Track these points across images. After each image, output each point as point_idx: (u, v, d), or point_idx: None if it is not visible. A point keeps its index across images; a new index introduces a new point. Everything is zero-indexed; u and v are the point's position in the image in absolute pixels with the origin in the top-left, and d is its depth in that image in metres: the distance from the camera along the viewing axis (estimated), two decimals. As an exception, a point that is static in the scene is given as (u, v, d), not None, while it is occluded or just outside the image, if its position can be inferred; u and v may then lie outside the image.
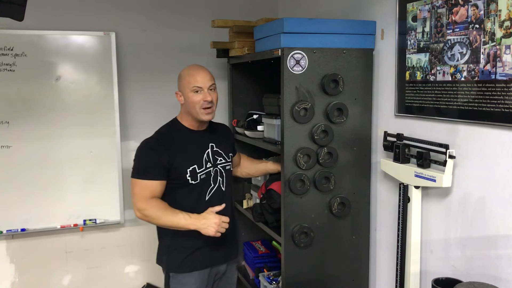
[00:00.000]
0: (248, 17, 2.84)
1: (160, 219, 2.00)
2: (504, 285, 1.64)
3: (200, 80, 2.08)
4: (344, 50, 2.19)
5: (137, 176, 2.06)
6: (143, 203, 2.01)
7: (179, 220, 1.98)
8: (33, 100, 2.86)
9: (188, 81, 2.09)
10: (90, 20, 2.96)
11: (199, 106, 2.08)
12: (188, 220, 1.97)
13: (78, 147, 2.97)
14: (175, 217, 1.98)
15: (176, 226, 2.00)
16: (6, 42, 2.78)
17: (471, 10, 1.70)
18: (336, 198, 2.24)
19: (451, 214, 1.88)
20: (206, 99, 2.07)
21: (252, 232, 3.18)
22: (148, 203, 2.01)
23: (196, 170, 2.11)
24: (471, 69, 1.71)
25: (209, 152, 2.18)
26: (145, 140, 2.14)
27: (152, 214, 2.00)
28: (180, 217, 1.98)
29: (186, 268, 2.14)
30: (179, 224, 1.98)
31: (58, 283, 3.09)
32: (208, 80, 2.10)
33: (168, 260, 2.18)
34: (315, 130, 2.16)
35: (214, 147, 2.21)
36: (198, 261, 2.15)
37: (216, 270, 2.25)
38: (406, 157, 2.01)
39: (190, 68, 2.15)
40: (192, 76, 2.09)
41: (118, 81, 3.00)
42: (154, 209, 2.00)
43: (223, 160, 2.23)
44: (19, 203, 2.89)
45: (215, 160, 2.19)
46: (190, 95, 2.08)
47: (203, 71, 2.12)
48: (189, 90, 2.08)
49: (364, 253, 2.37)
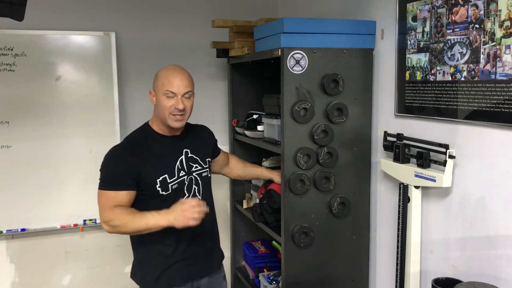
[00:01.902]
0: (248, 17, 2.84)
1: (127, 226, 1.83)
2: (504, 285, 1.64)
3: (176, 85, 1.91)
4: (344, 50, 2.19)
5: (102, 188, 1.91)
6: (108, 214, 1.86)
7: (147, 221, 1.80)
8: (33, 100, 2.86)
9: (163, 82, 1.93)
10: (90, 20, 2.96)
11: (169, 112, 1.92)
12: (157, 218, 1.80)
13: (78, 147, 2.97)
14: (143, 218, 1.81)
15: (147, 228, 1.82)
16: (6, 42, 2.77)
17: (471, 10, 1.70)
18: (336, 198, 2.24)
19: (451, 214, 1.88)
20: (178, 107, 1.91)
21: (252, 232, 3.18)
22: (113, 213, 1.85)
23: (167, 180, 1.95)
24: (471, 69, 1.71)
25: (183, 159, 2.02)
26: (113, 147, 2.00)
27: (119, 222, 1.83)
28: (149, 217, 1.81)
29: (162, 285, 1.99)
30: (148, 224, 1.81)
31: (58, 283, 3.09)
32: (184, 86, 1.93)
33: (142, 276, 2.03)
34: (315, 130, 2.16)
35: (188, 153, 2.05)
36: (175, 276, 2.00)
37: (197, 284, 2.09)
38: (406, 157, 2.01)
39: (168, 69, 1.98)
40: (168, 79, 1.92)
41: (118, 81, 2.99)
42: (119, 216, 1.84)
43: (198, 167, 2.07)
44: (19, 203, 2.89)
45: (189, 168, 2.03)
46: (161, 98, 1.93)
47: (181, 75, 1.94)
48: (162, 93, 1.92)
49: (364, 253, 2.37)
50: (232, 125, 2.95)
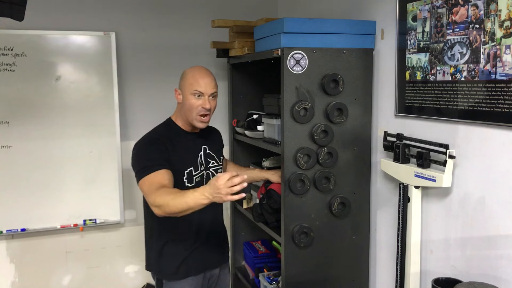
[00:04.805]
0: (248, 17, 2.84)
1: (169, 205, 1.77)
2: (504, 285, 1.64)
3: (204, 85, 2.03)
4: (344, 50, 2.19)
5: (142, 175, 1.91)
6: (153, 196, 1.82)
7: (187, 199, 1.75)
8: (33, 100, 2.86)
9: (191, 83, 2.04)
10: (90, 20, 2.96)
11: (197, 112, 2.03)
12: (196, 196, 1.74)
13: (78, 147, 2.97)
14: (183, 198, 1.76)
15: (188, 207, 1.76)
16: (6, 42, 2.78)
17: (471, 10, 1.70)
18: (336, 198, 2.24)
19: (451, 214, 1.87)
20: (205, 106, 2.03)
21: (252, 232, 3.18)
22: (157, 193, 1.82)
23: (192, 173, 2.08)
24: (471, 69, 1.71)
25: (202, 155, 2.15)
26: (143, 139, 2.04)
27: (162, 201, 1.79)
28: (188, 196, 1.75)
29: (181, 275, 2.08)
30: (189, 203, 1.75)
31: (58, 283, 3.09)
32: (212, 87, 2.05)
33: (160, 267, 2.10)
34: (315, 130, 2.16)
35: (207, 150, 2.18)
36: (193, 266, 2.10)
37: (210, 274, 2.21)
38: (406, 157, 2.01)
39: (196, 70, 2.08)
40: (196, 79, 2.04)
41: (118, 81, 3.00)
42: (162, 196, 1.80)
43: (215, 163, 2.21)
44: (19, 203, 2.89)
45: (207, 163, 2.17)
46: (189, 97, 2.04)
47: (209, 77, 2.07)
48: (190, 93, 2.03)
49: (364, 253, 2.37)
50: (232, 125, 2.95)
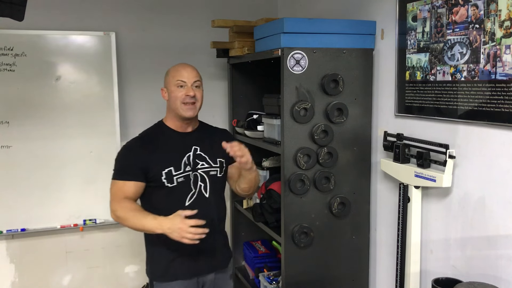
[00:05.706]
0: (248, 17, 2.84)
1: (128, 221, 1.93)
2: (504, 285, 1.64)
3: (186, 75, 2.05)
4: (344, 50, 2.19)
5: (113, 177, 2.03)
6: (115, 204, 1.97)
7: (146, 222, 1.88)
8: (33, 100, 2.86)
9: (173, 75, 2.06)
10: (90, 20, 2.96)
11: (180, 101, 2.03)
12: (154, 223, 1.86)
13: (78, 147, 2.97)
14: (143, 219, 1.89)
15: (143, 229, 1.92)
16: (6, 42, 2.77)
17: (471, 10, 1.70)
18: (336, 198, 2.24)
19: (451, 214, 1.88)
20: (189, 94, 2.02)
21: (252, 232, 3.18)
22: (120, 204, 1.95)
23: (172, 172, 2.02)
24: (471, 69, 1.71)
25: (191, 155, 2.08)
26: (127, 142, 2.11)
27: (123, 215, 1.94)
28: (148, 219, 1.88)
29: (169, 277, 2.07)
30: (145, 226, 1.89)
31: (58, 283, 3.09)
32: (194, 76, 2.07)
33: (151, 269, 2.12)
34: (315, 130, 2.16)
35: (197, 151, 2.10)
36: (180, 270, 2.08)
37: (203, 281, 2.14)
38: (406, 157, 2.01)
39: (176, 65, 2.13)
40: (177, 70, 2.07)
41: (118, 81, 3.00)
42: (124, 210, 1.94)
43: (205, 165, 2.10)
44: (19, 203, 2.89)
45: (195, 164, 2.08)
46: (173, 89, 2.04)
47: (189, 67, 2.10)
48: (173, 84, 2.04)
49: (364, 253, 2.37)
50: (232, 125, 2.95)
